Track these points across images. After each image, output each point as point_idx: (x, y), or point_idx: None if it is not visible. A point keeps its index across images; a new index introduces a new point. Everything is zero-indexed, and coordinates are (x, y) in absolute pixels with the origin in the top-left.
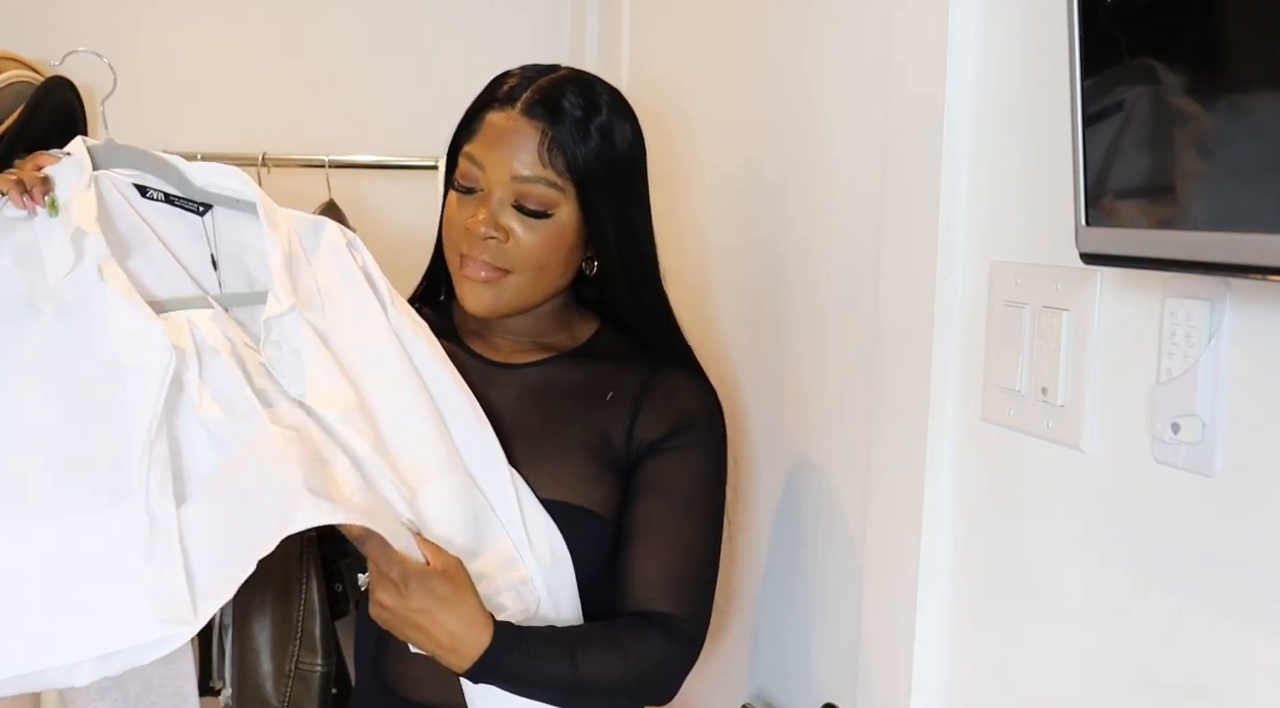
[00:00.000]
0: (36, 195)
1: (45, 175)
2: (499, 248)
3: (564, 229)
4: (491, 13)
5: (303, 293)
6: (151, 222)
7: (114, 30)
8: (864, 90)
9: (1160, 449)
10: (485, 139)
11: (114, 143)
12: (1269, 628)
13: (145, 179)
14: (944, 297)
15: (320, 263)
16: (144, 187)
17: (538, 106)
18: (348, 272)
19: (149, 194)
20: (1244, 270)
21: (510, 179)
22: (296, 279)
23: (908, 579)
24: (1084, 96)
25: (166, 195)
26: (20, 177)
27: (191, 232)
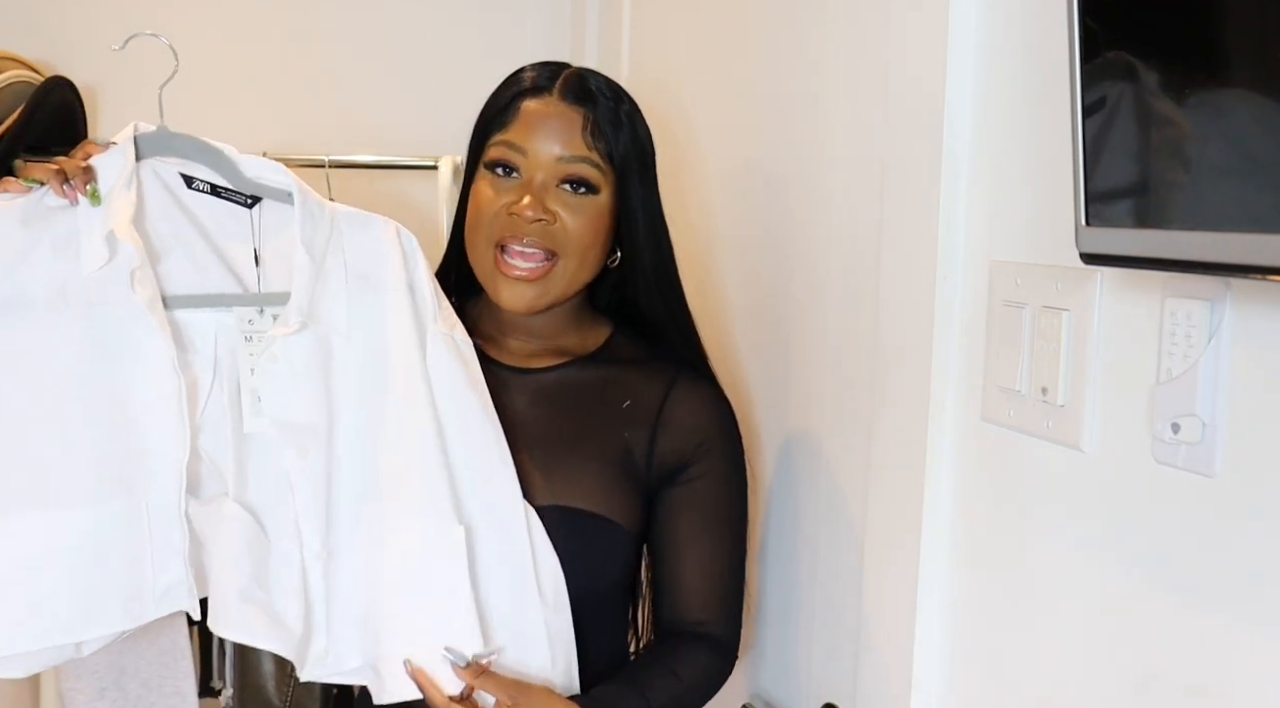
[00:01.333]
0: (78, 184)
1: (87, 165)
2: (546, 230)
3: (604, 212)
4: (491, 13)
5: (324, 308)
6: (195, 213)
7: (114, 30)
8: (864, 90)
9: (1160, 449)
10: (525, 124)
11: (167, 131)
12: (1269, 628)
13: (193, 168)
14: (944, 297)
15: (356, 267)
16: (190, 177)
17: (574, 92)
18: (386, 282)
19: (195, 185)
20: (1244, 270)
21: (555, 160)
22: (322, 293)
23: (908, 579)
24: (1084, 96)
25: (213, 187)
26: (62, 166)
27: (237, 224)
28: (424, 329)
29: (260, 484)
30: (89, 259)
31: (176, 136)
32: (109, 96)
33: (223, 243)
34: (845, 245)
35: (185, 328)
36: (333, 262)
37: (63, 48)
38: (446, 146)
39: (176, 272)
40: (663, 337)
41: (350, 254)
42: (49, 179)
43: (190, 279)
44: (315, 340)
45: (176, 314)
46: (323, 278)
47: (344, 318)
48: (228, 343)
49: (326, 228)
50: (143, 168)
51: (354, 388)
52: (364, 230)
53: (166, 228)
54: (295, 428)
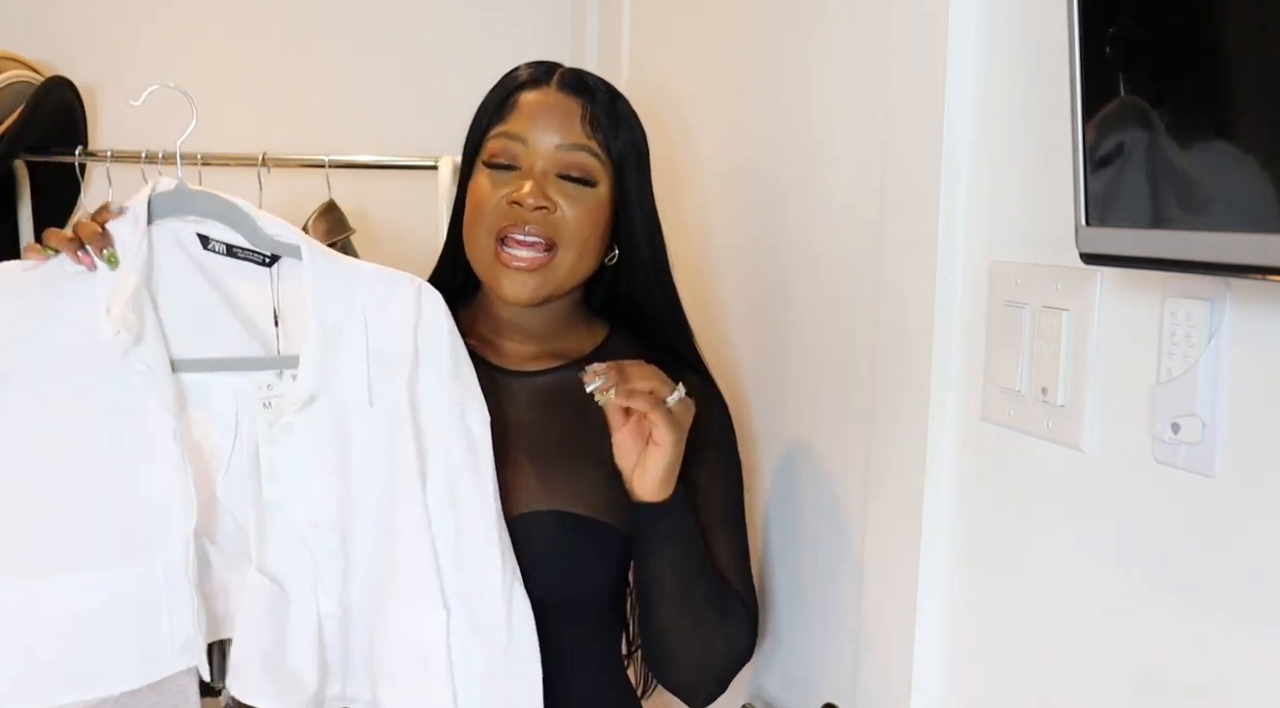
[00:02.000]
0: (94, 250)
1: (104, 230)
2: (546, 219)
3: (603, 204)
4: (491, 13)
5: (343, 377)
6: (214, 274)
7: (114, 30)
8: (864, 90)
9: (1160, 449)
10: (524, 115)
11: (185, 188)
12: (1269, 628)
13: (209, 227)
14: (944, 297)
15: (377, 335)
16: (206, 237)
17: (571, 84)
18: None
19: (210, 245)
20: (1244, 270)
21: (555, 149)
22: (338, 362)
23: (908, 579)
24: (1084, 96)
25: (229, 247)
26: (79, 231)
27: (256, 284)
28: (434, 406)
29: (280, 548)
30: (103, 328)
31: (194, 194)
32: (109, 96)
33: (242, 304)
34: (845, 246)
35: (205, 391)
36: (352, 328)
37: (63, 48)
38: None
39: (193, 335)
40: (661, 332)
41: (372, 321)
42: (64, 247)
43: (208, 342)
44: (333, 411)
45: (194, 377)
46: (341, 346)
47: (364, 389)
48: (247, 407)
49: (344, 292)
50: (159, 229)
51: (368, 463)
52: (387, 295)
53: (183, 290)
54: (309, 499)
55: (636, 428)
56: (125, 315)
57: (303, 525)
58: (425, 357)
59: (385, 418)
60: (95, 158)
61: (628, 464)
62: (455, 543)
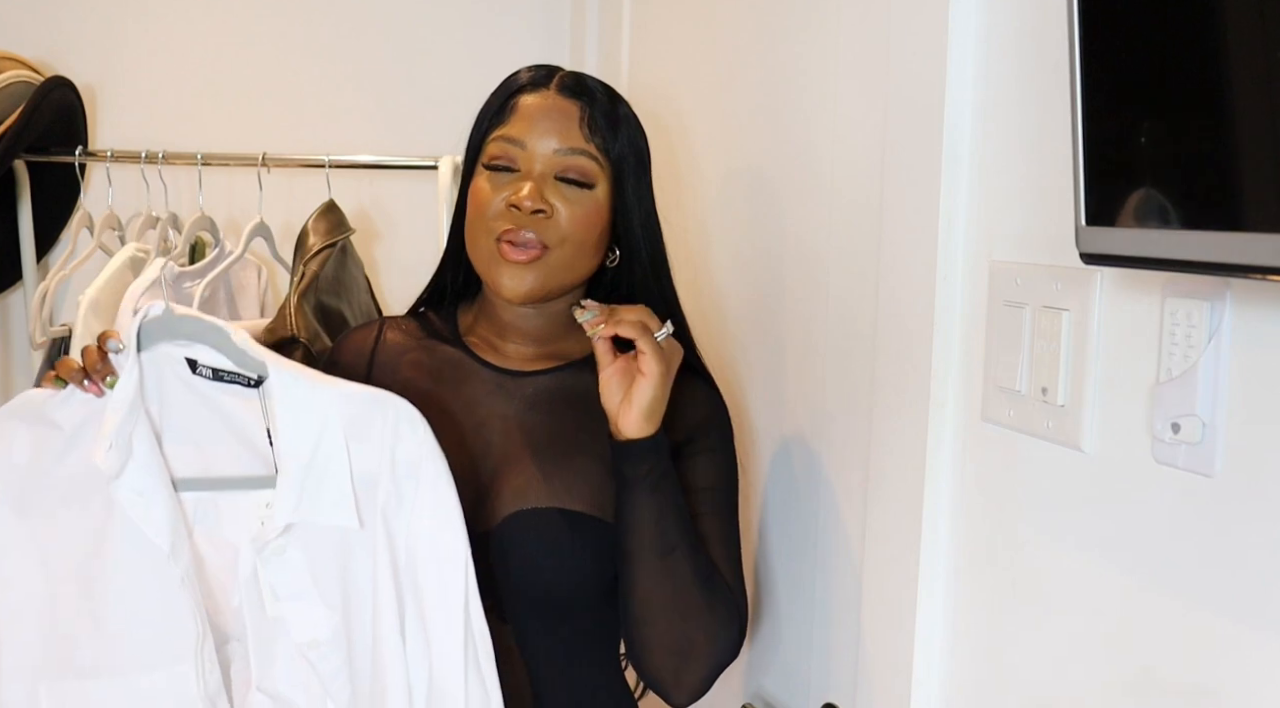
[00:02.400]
0: (97, 379)
1: (104, 359)
2: (544, 222)
3: (601, 206)
4: (491, 14)
5: (325, 498)
6: (207, 396)
7: (114, 30)
8: (864, 91)
9: (1160, 449)
10: (523, 118)
11: (171, 314)
12: (1269, 628)
13: (197, 351)
14: (944, 297)
15: (358, 453)
16: (194, 361)
17: (571, 88)
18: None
19: (199, 370)
20: (1244, 270)
21: (553, 152)
22: (318, 484)
23: (908, 579)
24: (1084, 96)
25: (215, 371)
26: (85, 358)
27: (247, 406)
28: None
29: (286, 666)
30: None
31: (180, 319)
32: (109, 96)
33: (237, 423)
34: (845, 246)
35: (210, 509)
36: (333, 450)
37: (63, 48)
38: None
39: (194, 454)
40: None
41: (353, 442)
42: (72, 379)
43: (208, 461)
44: (323, 532)
45: (198, 496)
46: (322, 468)
47: (351, 511)
48: (247, 526)
49: (320, 414)
50: (153, 354)
51: (360, 582)
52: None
53: (181, 410)
54: (307, 619)
55: (624, 367)
56: (107, 450)
57: (304, 645)
58: (402, 480)
59: (371, 537)
60: (95, 158)
61: (613, 402)
62: (428, 678)
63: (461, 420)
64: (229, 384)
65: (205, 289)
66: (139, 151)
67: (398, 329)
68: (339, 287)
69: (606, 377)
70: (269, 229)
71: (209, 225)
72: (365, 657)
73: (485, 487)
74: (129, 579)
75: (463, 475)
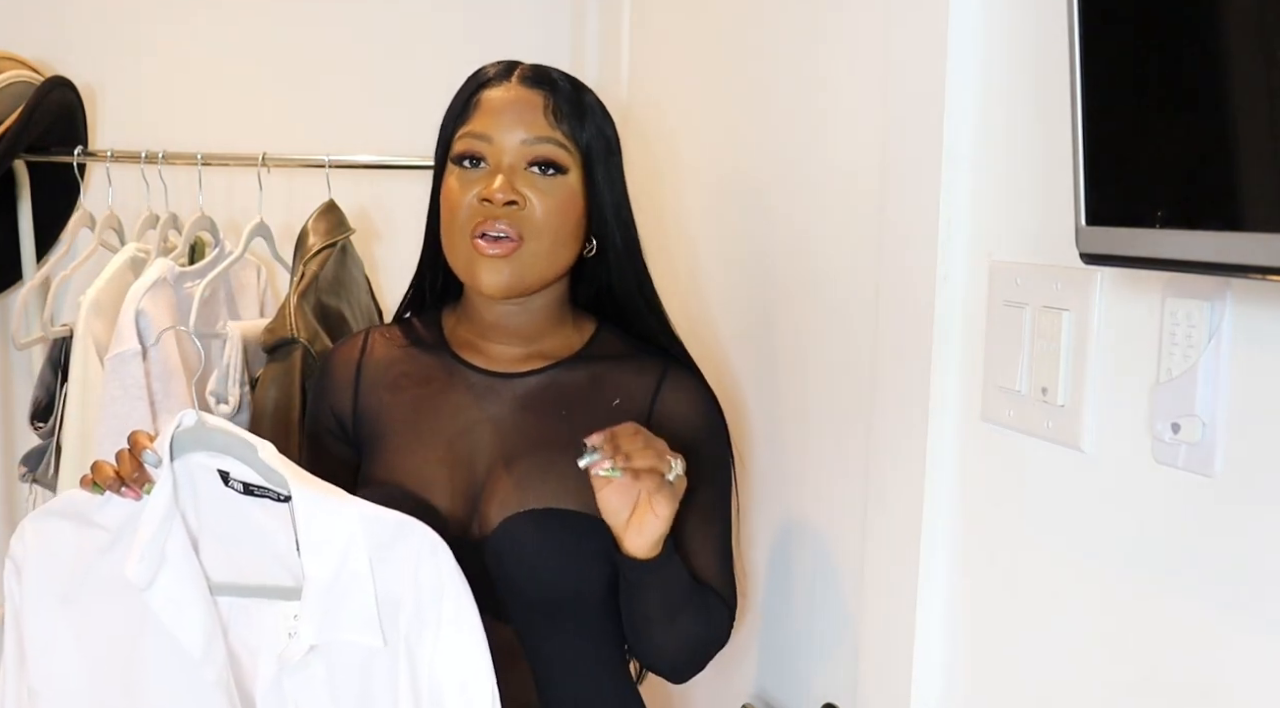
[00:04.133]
0: (133, 486)
1: (140, 468)
2: (518, 214)
3: (574, 194)
4: (492, 15)
5: (349, 616)
6: (239, 506)
7: (114, 30)
8: (864, 90)
9: (1160, 449)
10: (487, 113)
11: (204, 425)
12: (1269, 628)
13: (228, 464)
14: (944, 297)
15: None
16: (226, 474)
17: (532, 78)
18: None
19: (230, 483)
20: (1244, 270)
21: (521, 143)
22: (342, 603)
23: (908, 579)
24: (1084, 96)
25: (245, 486)
26: (120, 466)
27: (277, 520)
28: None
29: None
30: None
31: (211, 432)
32: (109, 96)
33: (268, 534)
34: (845, 245)
35: (242, 614)
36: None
37: (63, 48)
38: None
39: (227, 560)
40: (640, 320)
41: (377, 564)
42: (106, 485)
43: (240, 568)
44: (347, 650)
45: (231, 600)
46: (345, 588)
47: (376, 631)
48: (273, 636)
49: (342, 534)
50: (186, 462)
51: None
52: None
53: (220, 515)
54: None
55: (622, 489)
56: (139, 562)
57: None
58: (425, 605)
59: (393, 662)
60: (95, 158)
61: (619, 520)
62: None
63: (452, 426)
64: (259, 498)
65: (205, 289)
66: (139, 152)
67: (383, 339)
68: (339, 287)
69: (604, 497)
70: (269, 229)
71: (209, 225)
72: None
73: (480, 491)
74: (166, 678)
75: (457, 481)
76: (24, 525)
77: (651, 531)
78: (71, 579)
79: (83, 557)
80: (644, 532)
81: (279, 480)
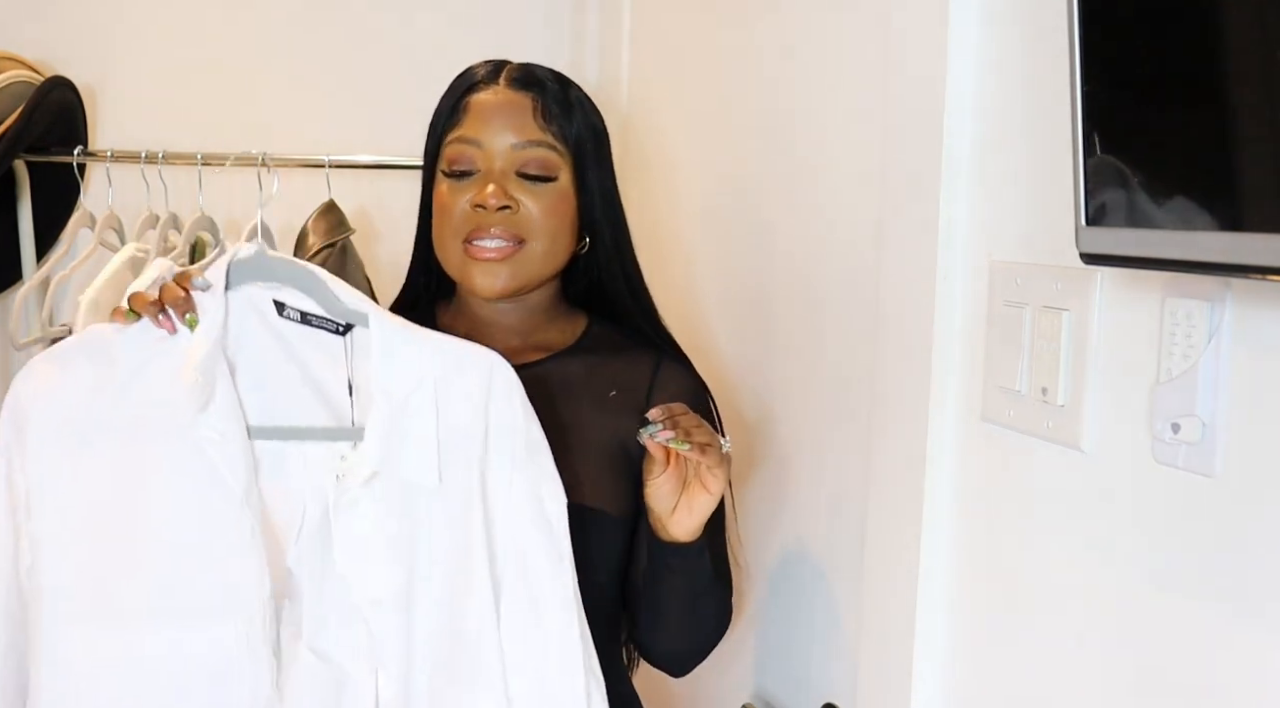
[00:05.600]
0: (176, 314)
1: (186, 295)
2: (511, 218)
3: (566, 194)
4: (492, 15)
5: (411, 457)
6: (290, 341)
7: (114, 30)
8: (864, 91)
9: (1160, 449)
10: (477, 117)
11: (264, 254)
12: (1269, 628)
13: (285, 294)
14: (944, 297)
15: (449, 414)
16: (282, 304)
17: (520, 80)
18: (475, 435)
19: (286, 312)
20: (1244, 270)
21: (511, 147)
22: (407, 441)
23: (908, 579)
24: (1084, 96)
25: (302, 314)
26: (163, 294)
27: (330, 353)
28: (508, 488)
29: (339, 626)
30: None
31: (273, 261)
32: (109, 96)
33: (317, 373)
34: (845, 246)
35: (279, 460)
36: (421, 402)
37: (63, 48)
38: None
39: (269, 402)
40: (628, 315)
41: (442, 396)
42: (146, 312)
43: (283, 410)
44: (400, 487)
45: (269, 445)
46: (409, 420)
47: (433, 467)
48: (319, 478)
49: (413, 364)
50: (237, 295)
51: (434, 544)
52: (459, 369)
53: (260, 358)
54: (371, 576)
55: (676, 473)
56: (195, 380)
57: (363, 604)
58: (497, 436)
59: (455, 500)
60: (95, 158)
61: (666, 507)
62: (531, 635)
63: None
64: (315, 330)
65: None
66: (139, 152)
67: None
68: None
69: (661, 481)
70: (269, 229)
71: (209, 225)
72: (429, 623)
73: None
74: (185, 527)
75: None
76: (34, 363)
77: (702, 509)
78: (80, 421)
79: (99, 398)
80: (695, 511)
81: (344, 311)
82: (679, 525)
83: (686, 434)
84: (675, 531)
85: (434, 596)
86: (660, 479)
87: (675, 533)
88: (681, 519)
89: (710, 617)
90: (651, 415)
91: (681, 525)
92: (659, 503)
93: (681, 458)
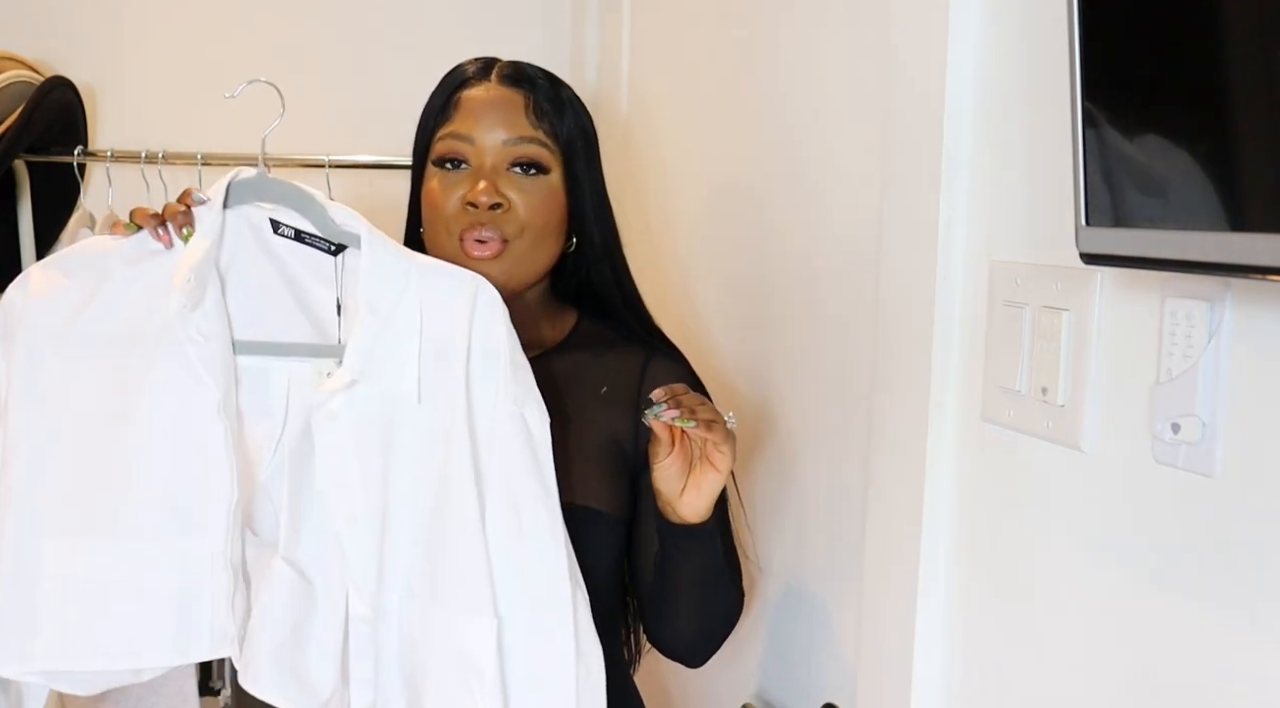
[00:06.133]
0: (175, 228)
1: (186, 210)
2: (503, 216)
3: (556, 191)
4: (492, 15)
5: (393, 370)
6: (282, 259)
7: (114, 30)
8: (864, 91)
9: (1160, 449)
10: (468, 113)
11: (264, 176)
12: (1269, 628)
13: (281, 213)
14: (944, 297)
15: (432, 330)
16: (277, 222)
17: (511, 77)
18: (458, 352)
19: (280, 230)
20: (1244, 270)
21: (502, 143)
22: (390, 355)
23: (908, 579)
24: (1084, 96)
25: (297, 232)
26: (165, 209)
27: (321, 272)
28: (492, 405)
29: (312, 542)
30: (170, 300)
31: (271, 182)
32: (109, 96)
33: (306, 292)
34: (845, 246)
35: (262, 375)
36: (405, 319)
37: (63, 48)
38: None
39: (256, 318)
40: (617, 314)
41: (427, 313)
42: (146, 224)
43: (269, 325)
44: (379, 402)
45: (252, 361)
46: (392, 336)
47: (414, 384)
48: (299, 394)
49: (399, 281)
50: (234, 213)
51: (412, 460)
52: (444, 289)
53: (251, 274)
54: (346, 491)
55: (683, 453)
56: (187, 280)
57: (337, 519)
58: (480, 354)
59: (435, 415)
60: (95, 158)
61: (674, 488)
62: (516, 547)
63: None
64: (308, 248)
65: None
66: (139, 152)
67: None
68: None
69: (668, 463)
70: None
71: None
72: (405, 540)
73: None
74: (162, 440)
75: None
76: (31, 269)
77: (710, 488)
78: (69, 329)
79: (87, 307)
80: (703, 490)
81: (337, 231)
82: (688, 506)
83: (691, 412)
84: (685, 512)
85: (414, 513)
86: (667, 461)
87: (685, 515)
88: (690, 500)
89: (723, 601)
90: (654, 396)
91: (691, 506)
92: (667, 485)
93: (687, 438)
